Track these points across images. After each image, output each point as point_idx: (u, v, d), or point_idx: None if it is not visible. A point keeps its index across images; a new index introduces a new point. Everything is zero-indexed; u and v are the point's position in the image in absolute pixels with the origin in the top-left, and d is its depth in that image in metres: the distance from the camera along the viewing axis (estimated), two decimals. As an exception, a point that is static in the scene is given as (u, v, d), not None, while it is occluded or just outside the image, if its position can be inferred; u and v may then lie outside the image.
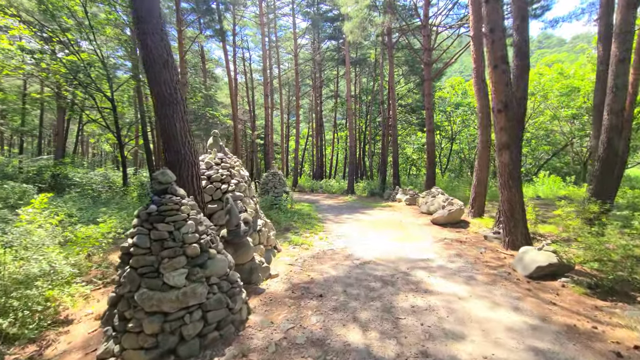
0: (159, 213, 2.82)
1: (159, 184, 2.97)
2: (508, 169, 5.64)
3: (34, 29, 11.78)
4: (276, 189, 12.51)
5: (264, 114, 23.96)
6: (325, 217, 10.57)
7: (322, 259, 5.74)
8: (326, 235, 7.68)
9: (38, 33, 11.92)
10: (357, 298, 4.01)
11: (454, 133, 24.99)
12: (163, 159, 4.06)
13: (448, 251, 6.18)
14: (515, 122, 5.63)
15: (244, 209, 5.03)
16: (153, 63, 3.92)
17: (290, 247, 6.57)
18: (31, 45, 12.73)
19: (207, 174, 5.00)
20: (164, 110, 3.96)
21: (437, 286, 4.36)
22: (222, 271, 3.07)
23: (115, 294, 2.80)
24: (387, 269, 5.12)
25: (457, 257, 5.76)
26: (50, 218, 5.23)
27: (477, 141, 9.61)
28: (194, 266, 2.85)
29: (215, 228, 4.56)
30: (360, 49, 28.36)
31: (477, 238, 7.20)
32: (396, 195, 14.84)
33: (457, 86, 25.22)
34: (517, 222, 5.70)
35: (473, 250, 6.20)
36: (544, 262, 4.49)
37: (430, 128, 15.58)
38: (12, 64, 11.61)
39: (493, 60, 5.53)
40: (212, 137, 5.44)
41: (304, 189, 21.95)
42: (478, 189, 9.29)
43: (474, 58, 9.28)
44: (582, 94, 16.57)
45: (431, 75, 15.67)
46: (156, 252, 2.75)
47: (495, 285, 4.36)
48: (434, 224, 9.03)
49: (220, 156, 5.29)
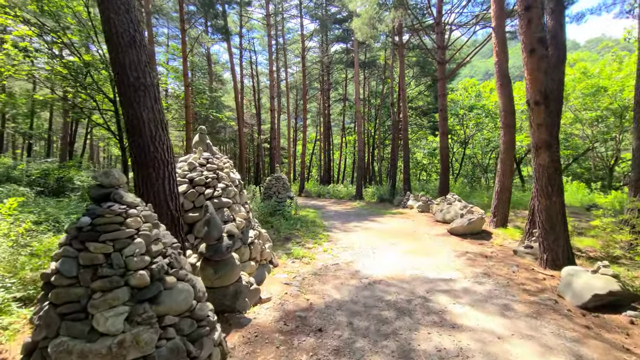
0: (92, 228, 2.05)
1: (99, 188, 2.21)
2: (547, 173, 4.73)
3: (37, 30, 11.37)
4: (280, 194, 11.76)
5: (270, 116, 23.39)
6: (331, 225, 9.73)
7: (325, 277, 4.90)
8: (331, 247, 6.84)
9: (40, 34, 11.51)
10: (365, 334, 3.16)
11: (467, 137, 23.88)
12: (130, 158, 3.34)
13: (472, 269, 5.27)
14: (556, 117, 4.74)
15: (231, 218, 4.25)
16: (117, 41, 3.20)
17: (289, 260, 5.75)
18: (34, 46, 12.37)
19: (189, 177, 4.25)
20: (128, 97, 3.23)
21: (467, 318, 3.48)
22: (184, 306, 2.27)
23: (30, 340, 2.03)
24: (402, 292, 4.26)
25: (484, 276, 4.85)
26: (17, 226, 4.58)
27: (500, 142, 8.68)
28: (140, 302, 2.06)
29: (193, 243, 3.82)
30: (369, 51, 27.66)
31: (504, 252, 6.26)
32: (407, 201, 13.90)
33: (470, 88, 24.19)
34: (558, 237, 4.77)
35: (502, 268, 5.27)
36: (603, 290, 3.57)
37: (444, 131, 14.65)
38: (14, 66, 11.26)
39: (529, 44, 4.66)
40: (198, 133, 4.70)
41: (311, 194, 21.15)
42: (501, 196, 8.34)
43: (496, 52, 8.39)
44: (610, 94, 15.39)
45: (445, 75, 14.78)
46: (85, 282, 1.97)
47: (542, 318, 3.45)
48: (452, 234, 8.11)
49: (206, 156, 4.54)
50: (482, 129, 23.16)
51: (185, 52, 15.60)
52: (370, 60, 27.14)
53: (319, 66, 28.97)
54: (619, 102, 15.51)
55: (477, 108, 21.83)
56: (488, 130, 22.71)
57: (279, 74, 27.67)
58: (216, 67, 29.52)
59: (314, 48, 30.00)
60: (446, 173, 14.78)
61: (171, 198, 3.48)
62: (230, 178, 4.67)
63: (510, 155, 8.19)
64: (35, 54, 11.55)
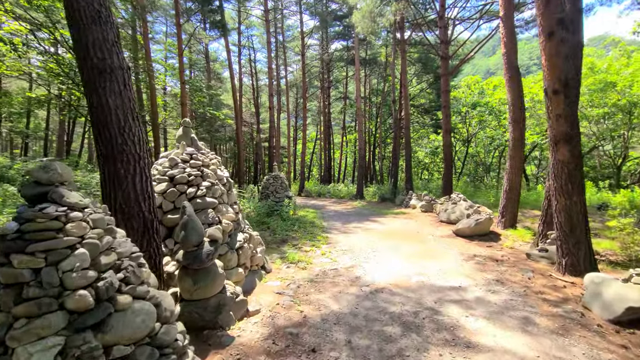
0: (20, 236, 1.62)
1: (35, 186, 1.77)
2: (567, 169, 4.28)
3: (28, 26, 10.91)
4: (277, 193, 11.32)
5: (269, 114, 22.94)
6: (330, 225, 9.29)
7: (322, 284, 4.45)
8: (330, 250, 6.40)
9: (32, 30, 11.06)
10: (366, 355, 2.72)
11: (470, 135, 23.38)
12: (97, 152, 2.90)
13: (483, 274, 4.82)
14: (576, 107, 4.28)
15: (216, 220, 3.81)
16: (78, 16, 2.77)
17: (283, 265, 5.31)
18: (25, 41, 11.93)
19: (170, 174, 3.81)
20: (92, 82, 2.79)
21: (483, 335, 3.03)
22: (141, 331, 1.83)
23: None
24: (408, 302, 3.81)
25: (497, 284, 4.40)
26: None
27: (508, 139, 8.22)
28: (80, 330, 1.62)
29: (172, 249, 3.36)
30: (370, 48, 27.18)
31: (515, 256, 5.80)
32: (410, 200, 13.44)
33: (472, 85, 23.67)
34: (578, 240, 4.31)
35: (516, 274, 4.82)
36: (638, 302, 3.11)
37: (447, 128, 14.20)
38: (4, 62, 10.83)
39: (547, 27, 4.21)
40: (182, 127, 4.26)
41: (311, 194, 20.71)
42: (510, 195, 7.88)
43: (504, 42, 7.93)
44: (619, 89, 14.90)
45: (449, 71, 14.32)
46: (5, 306, 1.54)
47: (569, 335, 3.00)
48: (458, 235, 7.66)
49: (190, 151, 4.10)
50: (485, 127, 22.68)
51: (181, 48, 15.14)
52: (371, 58, 26.67)
53: (319, 64, 28.49)
54: (627, 97, 15.02)
55: (481, 105, 21.32)
56: (491, 128, 22.22)
57: (279, 71, 27.22)
58: (215, 65, 29.09)
59: (314, 46, 29.53)
60: (449, 171, 14.32)
61: (144, 198, 3.03)
62: (217, 176, 4.22)
63: (519, 152, 7.73)
64: (25, 49, 11.10)
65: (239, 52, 24.98)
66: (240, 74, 25.01)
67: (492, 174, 24.05)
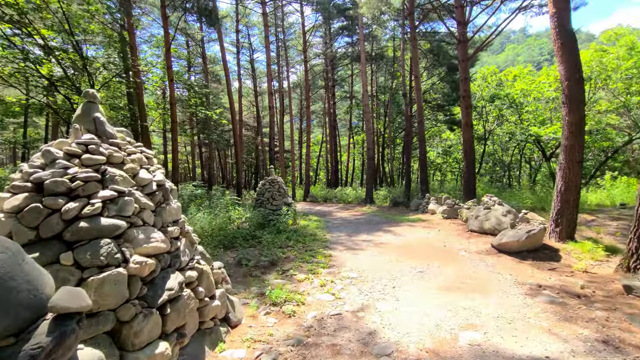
0: None
1: None
2: None
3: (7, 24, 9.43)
4: (274, 200, 9.68)
5: (269, 114, 21.39)
6: (335, 239, 7.57)
7: (316, 350, 2.75)
8: (332, 278, 4.67)
9: None
10: None
11: (487, 132, 21.30)
12: None
13: (573, 327, 3.03)
14: None
15: (117, 259, 2.14)
16: None
17: (261, 310, 3.60)
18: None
19: (36, 178, 2.17)
20: None
21: None
22: None
23: None
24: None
25: (608, 348, 2.62)
26: None
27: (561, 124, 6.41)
28: None
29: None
30: (376, 43, 25.50)
31: (601, 287, 3.98)
32: (428, 205, 11.61)
33: (489, 77, 21.64)
34: None
35: (629, 325, 3.02)
36: None
37: (467, 121, 12.36)
38: None
39: None
40: (83, 102, 2.64)
41: (317, 199, 19.02)
42: (566, 197, 6.03)
43: (553, 1, 6.15)
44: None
45: (468, 55, 12.52)
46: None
47: None
48: (500, 251, 5.85)
49: (86, 140, 2.45)
50: (502, 122, 20.68)
51: (169, 42, 13.73)
52: (377, 53, 24.98)
53: (322, 61, 26.92)
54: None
55: (500, 97, 19.31)
56: (511, 123, 20.17)
57: (280, 71, 25.76)
58: (215, 67, 27.76)
59: (317, 44, 27.95)
60: (471, 170, 12.44)
61: None
62: (138, 180, 2.58)
63: (579, 141, 5.88)
64: None
65: (237, 51, 23.63)
66: (239, 74, 23.60)
67: (511, 172, 21.90)
